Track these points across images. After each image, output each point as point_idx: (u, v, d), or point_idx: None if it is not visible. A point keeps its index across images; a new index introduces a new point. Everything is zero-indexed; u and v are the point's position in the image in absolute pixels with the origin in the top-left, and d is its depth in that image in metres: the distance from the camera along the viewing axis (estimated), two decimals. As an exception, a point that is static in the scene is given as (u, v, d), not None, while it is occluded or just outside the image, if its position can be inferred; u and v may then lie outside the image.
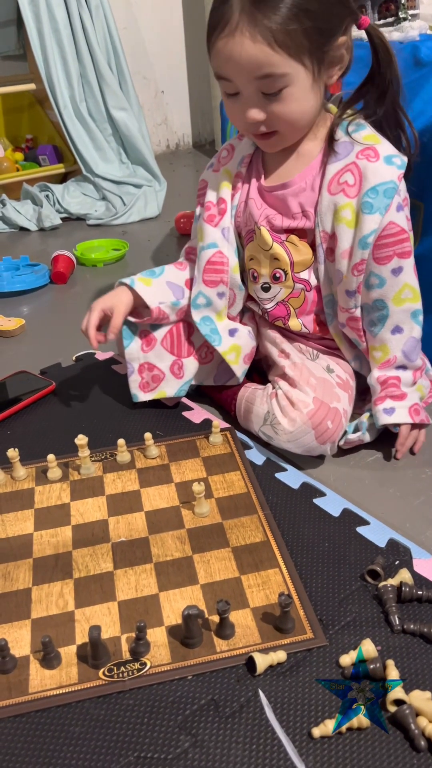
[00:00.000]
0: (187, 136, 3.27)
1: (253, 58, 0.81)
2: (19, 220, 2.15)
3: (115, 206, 2.23)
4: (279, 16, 0.78)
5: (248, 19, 0.79)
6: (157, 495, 0.92)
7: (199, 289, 1.04)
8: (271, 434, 0.96)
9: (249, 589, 0.76)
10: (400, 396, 0.97)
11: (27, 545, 0.84)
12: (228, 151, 1.05)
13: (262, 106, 0.86)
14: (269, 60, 0.81)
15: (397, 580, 0.75)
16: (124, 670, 0.68)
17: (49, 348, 1.37)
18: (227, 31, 0.81)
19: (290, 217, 0.97)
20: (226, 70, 0.85)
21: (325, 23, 0.81)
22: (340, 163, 0.91)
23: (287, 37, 0.79)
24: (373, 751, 0.60)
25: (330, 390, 0.94)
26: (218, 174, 1.04)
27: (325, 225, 0.93)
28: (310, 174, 0.94)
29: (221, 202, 1.03)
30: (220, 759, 0.60)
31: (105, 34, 2.23)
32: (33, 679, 0.68)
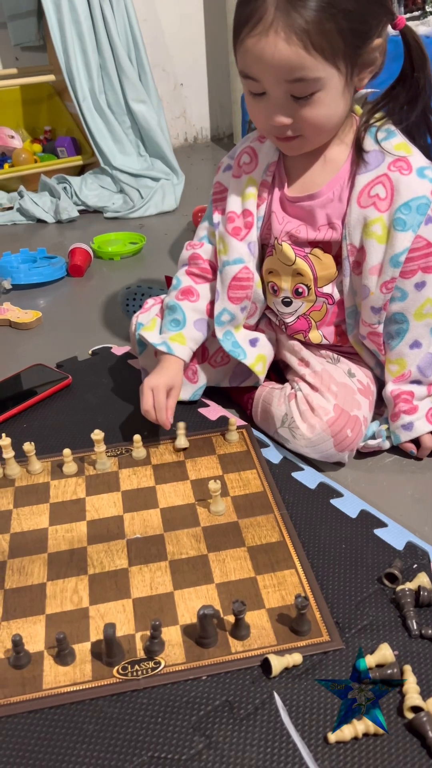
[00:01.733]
0: (205, 129, 3.25)
1: (286, 60, 0.76)
2: (37, 212, 2.15)
3: (133, 199, 2.22)
4: (316, 16, 0.73)
5: (284, 18, 0.73)
6: (173, 492, 0.91)
7: (223, 306, 1.00)
8: (288, 437, 0.95)
9: (264, 589, 0.76)
10: (412, 409, 0.96)
11: (42, 540, 0.84)
12: (250, 156, 0.98)
13: (290, 109, 0.81)
14: (303, 63, 0.76)
15: (415, 584, 0.74)
16: (138, 669, 0.67)
17: (66, 341, 1.37)
18: (259, 29, 0.75)
19: (316, 229, 0.93)
20: (254, 70, 0.79)
21: (362, 24, 0.77)
22: (370, 174, 0.87)
23: (323, 38, 0.75)
24: (389, 758, 0.59)
25: (351, 397, 0.93)
26: (240, 181, 0.98)
27: (353, 238, 0.90)
28: (338, 183, 0.90)
29: (247, 214, 0.98)
30: (234, 761, 0.59)
31: (125, 25, 2.22)
32: (47, 675, 0.67)
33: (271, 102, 0.82)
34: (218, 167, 1.03)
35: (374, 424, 0.98)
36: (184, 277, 1.05)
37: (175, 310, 1.02)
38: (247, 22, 0.77)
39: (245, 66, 0.80)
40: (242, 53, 0.80)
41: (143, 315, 1.08)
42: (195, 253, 1.05)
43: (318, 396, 0.92)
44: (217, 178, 1.03)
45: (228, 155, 1.03)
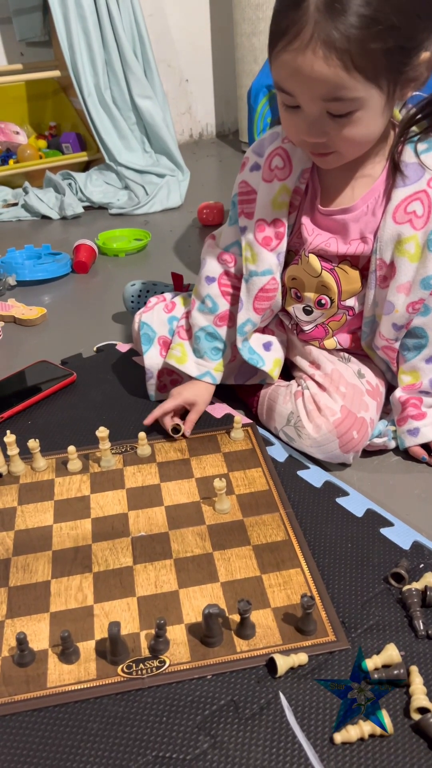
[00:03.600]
0: (210, 125, 3.24)
1: (324, 79, 0.70)
2: (42, 208, 2.14)
3: (138, 196, 2.22)
4: (360, 33, 0.67)
5: (324, 36, 0.67)
6: (178, 490, 0.91)
7: (248, 317, 0.98)
8: (293, 436, 0.95)
9: (270, 588, 0.75)
10: (420, 415, 0.95)
11: (46, 537, 0.84)
12: (283, 160, 0.91)
13: (326, 127, 0.76)
14: (342, 83, 0.70)
15: (421, 584, 0.74)
16: (143, 668, 0.67)
17: (70, 338, 1.37)
18: (297, 44, 0.69)
19: (347, 243, 0.90)
20: (290, 85, 0.74)
21: (409, 40, 0.70)
22: (408, 189, 0.83)
23: (366, 58, 0.68)
24: (396, 759, 0.59)
25: (359, 398, 0.92)
26: (272, 187, 0.92)
27: (383, 254, 0.87)
28: (372, 196, 0.86)
29: (278, 224, 0.93)
30: (239, 761, 0.59)
31: (131, 21, 2.21)
32: (51, 674, 0.67)
33: (306, 117, 0.76)
34: (243, 163, 0.97)
35: (381, 423, 0.97)
36: (220, 299, 1.01)
37: (215, 338, 1.01)
38: (284, 34, 0.71)
39: (280, 79, 0.75)
40: (277, 66, 0.74)
41: (146, 314, 1.08)
42: (229, 270, 1.01)
43: (325, 396, 0.92)
44: (243, 177, 0.97)
45: (253, 150, 0.96)
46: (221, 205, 2.02)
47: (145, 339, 1.06)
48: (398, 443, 0.97)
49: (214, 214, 2.00)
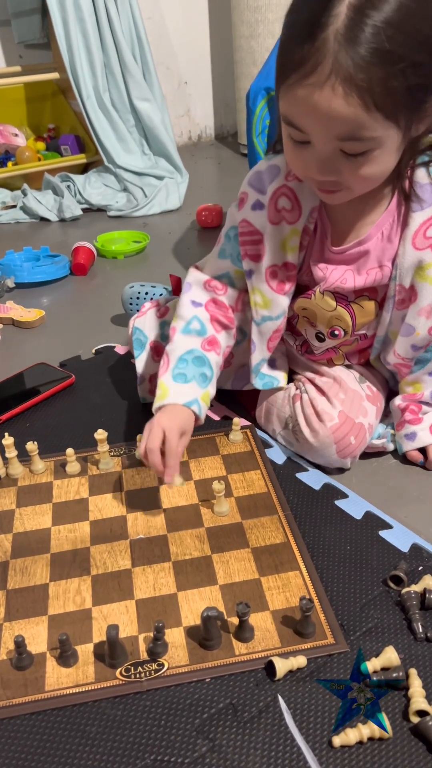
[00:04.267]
0: (209, 128, 3.24)
1: (341, 119, 0.65)
2: (40, 210, 2.14)
3: (137, 198, 2.22)
4: (383, 71, 0.62)
5: (344, 72, 0.62)
6: (176, 492, 0.91)
7: (262, 357, 0.96)
8: (291, 440, 0.95)
9: (269, 591, 0.75)
10: (417, 420, 0.95)
11: (45, 540, 0.84)
12: (290, 201, 0.85)
13: (338, 165, 0.71)
14: (361, 123, 0.65)
15: (420, 586, 0.73)
16: (141, 671, 0.67)
17: (69, 340, 1.37)
18: (314, 79, 0.64)
19: (363, 273, 0.86)
20: (303, 121, 0.69)
21: (430, 79, 0.66)
22: (426, 212, 0.80)
23: (387, 97, 0.63)
24: (395, 762, 0.59)
25: (358, 404, 0.92)
26: (281, 230, 0.87)
27: (403, 279, 0.84)
28: (386, 222, 0.82)
29: (289, 267, 0.88)
30: (238, 765, 0.59)
31: (130, 23, 2.22)
32: (49, 677, 0.67)
33: (317, 155, 0.71)
34: (240, 200, 0.90)
35: (380, 426, 0.97)
36: (209, 324, 0.94)
37: (204, 363, 0.92)
38: (298, 67, 0.64)
39: (292, 115, 0.69)
40: (290, 100, 0.68)
41: (139, 319, 1.07)
42: (218, 299, 0.96)
43: (324, 401, 0.92)
44: (244, 215, 0.89)
45: (252, 185, 0.88)
46: (220, 207, 2.02)
47: (137, 344, 1.05)
48: (396, 448, 0.97)
49: (213, 217, 2.00)
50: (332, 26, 0.62)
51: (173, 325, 0.95)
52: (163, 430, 0.83)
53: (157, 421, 0.84)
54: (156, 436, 0.82)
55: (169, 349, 0.93)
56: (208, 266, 0.98)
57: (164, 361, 0.92)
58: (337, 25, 0.61)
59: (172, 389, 0.89)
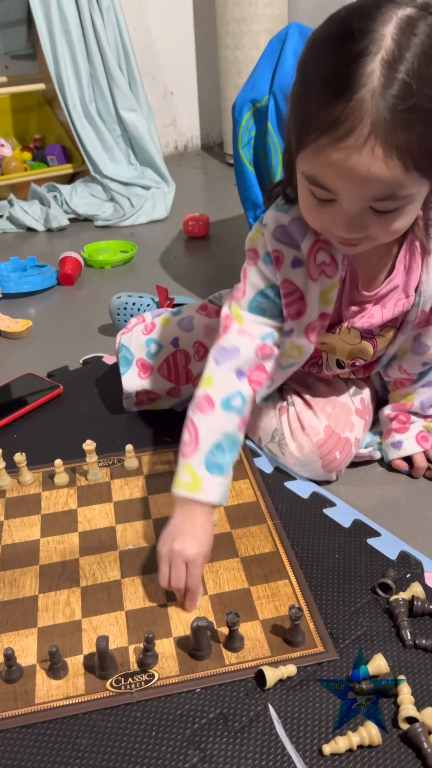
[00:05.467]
0: (195, 137, 3.26)
1: (380, 181, 0.61)
2: (27, 220, 2.14)
3: (123, 208, 2.22)
4: (423, 130, 0.59)
5: (383, 133, 0.58)
6: (165, 502, 0.91)
7: (276, 387, 0.93)
8: (277, 453, 0.95)
9: (258, 600, 0.75)
10: (403, 429, 0.96)
11: (33, 552, 0.84)
12: (327, 254, 0.80)
13: (365, 220, 0.67)
14: (399, 183, 0.62)
15: (408, 593, 0.74)
16: (131, 682, 0.67)
17: (57, 350, 1.37)
18: (351, 141, 0.59)
19: (391, 306, 0.85)
20: (334, 184, 0.64)
21: None
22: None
23: (426, 155, 0.60)
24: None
25: (346, 418, 0.92)
26: (322, 285, 0.82)
27: (426, 305, 0.84)
28: (407, 252, 0.81)
29: (325, 318, 0.85)
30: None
31: (116, 34, 2.23)
32: (39, 690, 0.67)
33: (343, 213, 0.67)
34: (276, 258, 0.82)
35: (368, 435, 0.98)
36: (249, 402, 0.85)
37: (236, 446, 0.82)
38: (330, 128, 0.60)
39: (320, 176, 0.65)
40: (321, 162, 0.63)
41: (125, 335, 1.06)
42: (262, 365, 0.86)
43: (310, 414, 0.92)
44: (285, 275, 0.82)
45: (282, 242, 0.81)
46: (206, 217, 2.03)
47: (123, 362, 1.05)
48: (383, 457, 0.98)
49: (200, 226, 2.01)
50: (368, 86, 0.57)
51: (208, 393, 0.82)
52: (186, 563, 0.74)
53: (179, 551, 0.73)
54: (181, 573, 0.73)
55: (201, 423, 0.81)
56: (251, 327, 0.86)
57: (192, 436, 0.80)
58: (373, 84, 0.57)
59: (206, 482, 0.77)
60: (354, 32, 0.58)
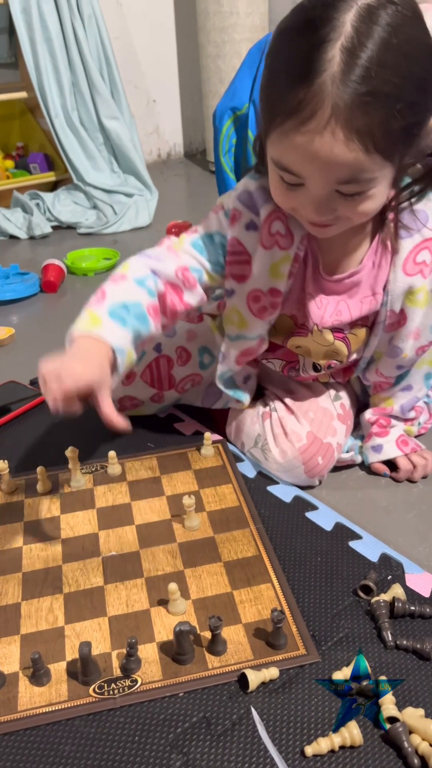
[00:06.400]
0: (178, 145, 3.27)
1: (342, 164, 0.64)
2: (9, 228, 2.14)
3: (106, 215, 2.23)
4: (383, 114, 0.61)
5: (344, 117, 0.60)
6: (148, 508, 0.91)
7: (228, 367, 0.96)
8: (260, 458, 0.96)
9: (241, 604, 0.76)
10: (383, 432, 0.97)
11: (16, 559, 0.83)
12: (284, 224, 0.82)
13: (333, 204, 0.70)
14: (361, 166, 0.64)
15: (389, 595, 0.75)
16: (114, 687, 0.67)
17: (39, 358, 1.35)
18: (313, 125, 0.62)
19: (358, 302, 0.86)
20: (300, 168, 0.67)
21: (424, 114, 0.66)
22: (414, 239, 0.80)
23: (385, 139, 0.63)
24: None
25: (328, 423, 0.93)
26: (272, 255, 0.84)
27: (394, 305, 0.85)
28: (377, 249, 0.83)
29: (275, 293, 0.86)
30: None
31: (97, 43, 2.24)
32: (22, 697, 0.67)
33: (310, 197, 0.70)
34: (233, 216, 0.85)
35: (349, 438, 0.99)
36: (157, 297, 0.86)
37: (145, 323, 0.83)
38: (294, 113, 0.63)
39: (286, 161, 0.68)
40: (285, 147, 0.66)
41: None
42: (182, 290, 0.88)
43: (293, 420, 0.93)
44: (236, 234, 0.86)
45: (243, 203, 0.84)
46: (189, 224, 2.03)
47: None
48: (363, 459, 0.99)
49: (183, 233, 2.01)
50: (328, 71, 0.60)
51: (123, 273, 0.85)
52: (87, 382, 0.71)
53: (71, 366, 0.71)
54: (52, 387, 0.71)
55: (110, 288, 0.83)
56: (185, 253, 0.89)
57: (100, 296, 0.82)
58: (333, 69, 0.60)
59: (106, 323, 0.78)
60: (316, 21, 0.61)
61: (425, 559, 0.83)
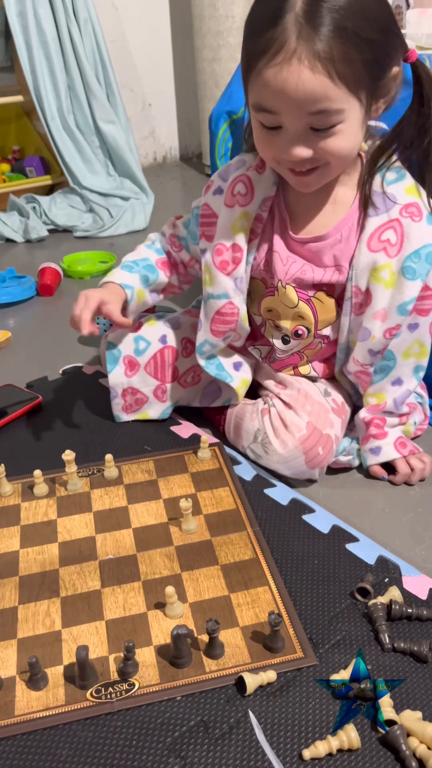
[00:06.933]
0: (174, 148, 3.28)
1: (310, 90, 0.71)
2: (6, 231, 2.14)
3: (103, 218, 2.23)
4: (342, 44, 0.69)
5: (307, 46, 0.69)
6: (145, 511, 0.91)
7: (205, 338, 0.99)
8: (260, 453, 0.96)
9: (238, 607, 0.76)
10: (382, 434, 0.97)
11: (13, 563, 0.83)
12: (246, 187, 0.92)
13: (309, 142, 0.77)
14: (328, 94, 0.71)
15: (386, 597, 0.75)
16: (112, 691, 0.67)
17: (36, 361, 1.36)
18: (281, 57, 0.70)
19: (322, 269, 0.91)
20: (274, 102, 0.74)
21: (384, 55, 0.74)
22: (381, 218, 0.86)
23: (348, 68, 0.70)
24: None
25: (324, 416, 0.93)
26: (233, 212, 0.93)
27: (359, 281, 0.88)
28: (346, 225, 0.88)
29: (236, 249, 0.94)
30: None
31: (93, 46, 2.24)
32: (19, 701, 0.66)
33: (288, 136, 0.77)
34: (207, 186, 0.99)
35: (346, 440, 0.99)
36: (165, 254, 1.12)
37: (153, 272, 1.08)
38: (264, 51, 0.71)
39: (262, 99, 0.75)
40: (259, 85, 0.74)
41: (113, 333, 1.08)
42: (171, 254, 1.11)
43: (292, 413, 0.93)
44: (206, 200, 0.98)
45: (219, 175, 0.97)
46: (185, 227, 2.03)
47: (110, 358, 1.06)
48: (362, 462, 0.99)
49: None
50: (291, 11, 0.69)
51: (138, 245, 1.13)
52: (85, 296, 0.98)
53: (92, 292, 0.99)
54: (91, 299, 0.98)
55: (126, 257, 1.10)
56: (178, 228, 1.10)
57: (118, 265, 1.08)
58: (295, 9, 0.69)
59: (116, 272, 1.05)
60: None
61: (422, 561, 0.83)
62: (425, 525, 0.89)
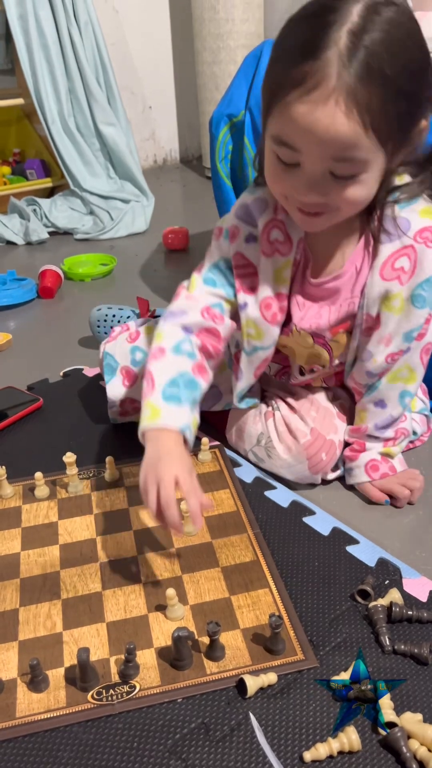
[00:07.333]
0: (174, 151, 3.29)
1: (340, 135, 0.66)
2: (6, 234, 2.14)
3: (103, 221, 2.23)
4: (382, 92, 0.65)
5: (348, 88, 0.64)
6: (146, 513, 0.91)
7: (248, 383, 0.96)
8: (263, 456, 0.96)
9: (239, 609, 0.76)
10: (354, 456, 0.95)
11: (14, 565, 0.83)
12: (282, 233, 0.86)
13: (326, 188, 0.72)
14: (358, 142, 0.67)
15: (387, 600, 0.75)
16: (113, 693, 0.67)
17: (36, 363, 1.37)
18: (317, 95, 0.65)
19: (337, 306, 0.88)
20: (299, 139, 0.69)
21: (416, 107, 0.70)
22: (394, 245, 0.81)
23: (382, 120, 0.66)
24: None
25: (330, 421, 0.93)
26: (275, 262, 0.87)
27: (370, 309, 0.85)
28: (359, 256, 0.84)
29: (281, 298, 0.89)
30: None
31: (93, 49, 2.25)
32: (20, 703, 0.66)
33: (305, 176, 0.72)
34: (232, 234, 0.90)
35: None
36: (198, 351, 0.90)
37: (196, 388, 0.86)
38: (298, 84, 0.66)
39: (285, 133, 0.70)
40: (285, 118, 0.69)
41: (110, 344, 1.06)
42: (214, 328, 0.91)
43: (296, 418, 0.93)
44: (238, 249, 0.90)
45: (240, 219, 0.89)
46: (186, 230, 2.04)
47: (108, 369, 1.05)
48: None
49: (179, 239, 2.02)
50: (334, 48, 0.64)
51: (160, 345, 0.88)
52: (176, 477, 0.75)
53: (164, 469, 0.75)
54: (170, 492, 0.74)
55: (155, 368, 0.86)
56: (200, 293, 0.93)
57: (149, 382, 0.84)
58: (339, 46, 0.64)
59: (164, 410, 0.81)
60: (326, 7, 0.66)
61: (422, 563, 0.83)
62: (426, 527, 0.89)
